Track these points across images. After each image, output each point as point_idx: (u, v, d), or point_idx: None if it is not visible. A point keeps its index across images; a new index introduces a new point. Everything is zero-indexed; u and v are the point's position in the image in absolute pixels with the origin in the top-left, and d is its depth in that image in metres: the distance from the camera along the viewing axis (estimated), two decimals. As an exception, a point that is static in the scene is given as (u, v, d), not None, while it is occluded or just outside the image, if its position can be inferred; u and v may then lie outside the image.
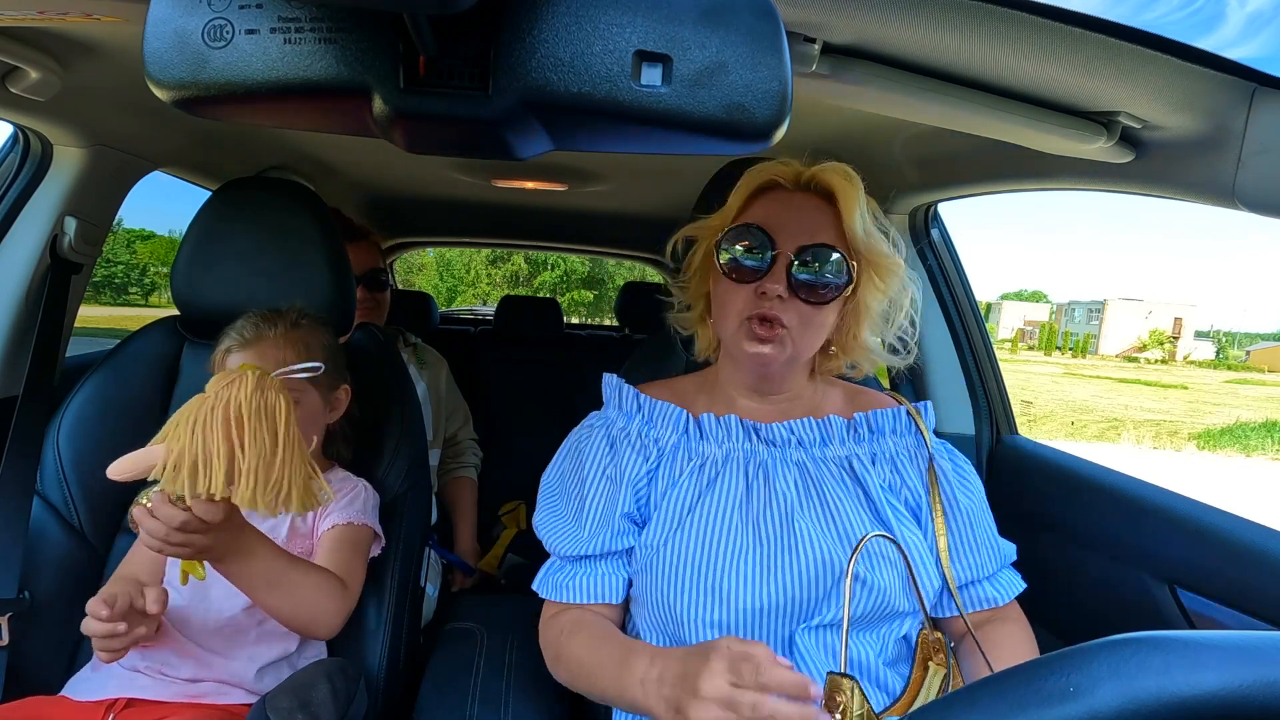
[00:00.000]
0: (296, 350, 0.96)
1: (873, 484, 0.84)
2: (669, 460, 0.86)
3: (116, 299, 12.33)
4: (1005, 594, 0.88)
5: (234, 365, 0.93)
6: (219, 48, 0.35)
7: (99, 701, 0.88)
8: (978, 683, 0.34)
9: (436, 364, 1.86)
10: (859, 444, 0.87)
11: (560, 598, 0.87)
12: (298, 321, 1.00)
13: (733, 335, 0.83)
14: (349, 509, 0.97)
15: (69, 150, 1.21)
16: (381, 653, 1.00)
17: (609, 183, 1.95)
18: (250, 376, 0.79)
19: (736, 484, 0.84)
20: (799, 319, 0.80)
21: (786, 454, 0.86)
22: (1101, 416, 14.98)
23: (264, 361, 0.93)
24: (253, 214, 1.12)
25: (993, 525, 0.90)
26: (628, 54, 0.35)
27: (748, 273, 0.81)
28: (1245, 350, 44.56)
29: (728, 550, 0.80)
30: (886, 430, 0.89)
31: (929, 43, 0.67)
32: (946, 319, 1.47)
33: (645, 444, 0.87)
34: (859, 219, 0.80)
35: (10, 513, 1.00)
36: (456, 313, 4.21)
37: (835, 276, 0.80)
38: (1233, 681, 0.30)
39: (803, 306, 0.80)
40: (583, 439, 0.92)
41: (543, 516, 0.91)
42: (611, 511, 0.85)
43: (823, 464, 0.86)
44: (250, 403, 0.77)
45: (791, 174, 0.85)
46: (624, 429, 0.89)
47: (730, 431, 0.86)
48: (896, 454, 0.88)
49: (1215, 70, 0.65)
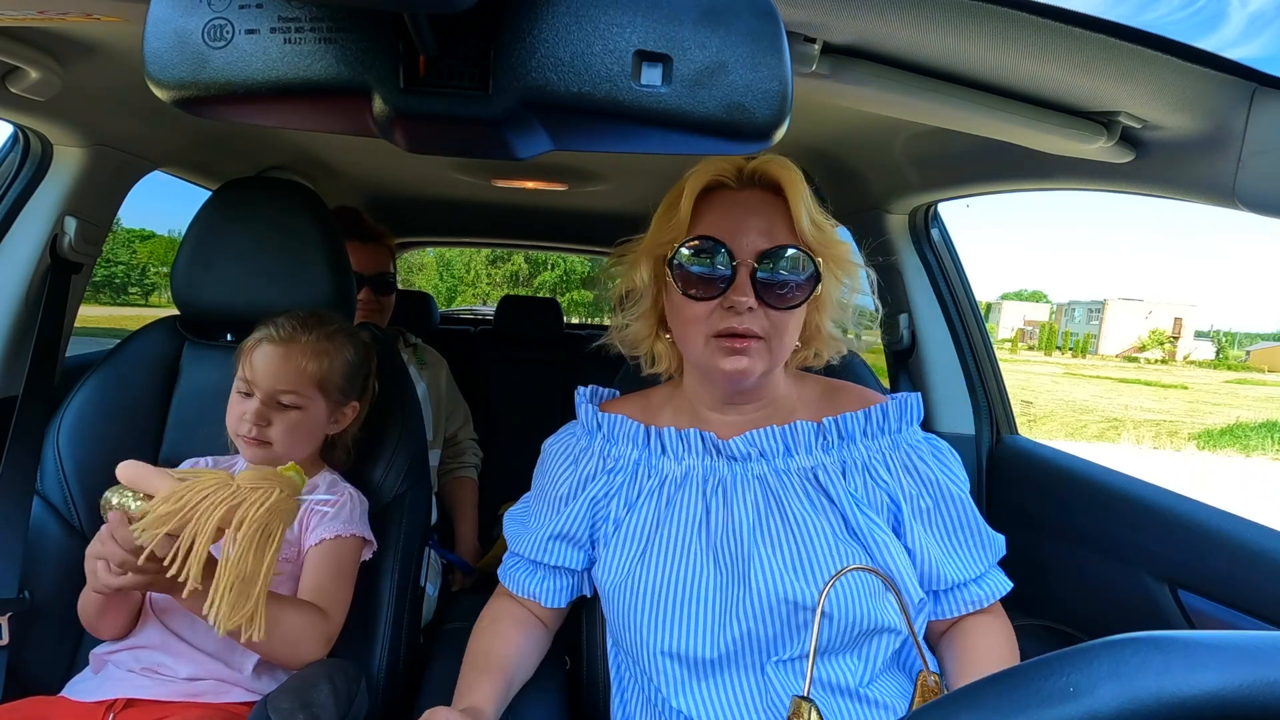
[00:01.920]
0: (318, 361, 0.98)
1: (840, 495, 0.80)
2: (629, 479, 0.86)
3: (116, 299, 12.34)
4: (990, 595, 0.85)
5: (260, 359, 0.96)
6: (219, 48, 0.35)
7: (99, 702, 0.88)
8: (978, 682, 0.34)
9: (436, 364, 1.86)
10: (827, 453, 0.83)
11: (506, 584, 0.94)
12: (333, 334, 1.02)
13: (702, 353, 0.79)
14: (335, 521, 0.96)
15: (69, 150, 1.21)
16: (382, 653, 1.00)
17: (609, 183, 1.95)
18: (276, 492, 0.77)
19: (695, 505, 0.82)
20: (772, 326, 0.77)
21: (748, 468, 0.83)
22: (1101, 416, 14.98)
23: (288, 363, 0.96)
24: (253, 214, 1.12)
25: (980, 521, 0.85)
26: (628, 54, 0.35)
27: (708, 286, 0.76)
28: (1245, 350, 44.56)
29: (688, 581, 0.79)
30: (857, 435, 0.84)
31: (929, 43, 0.67)
32: (946, 319, 1.47)
33: (605, 461, 0.88)
34: (804, 211, 0.76)
35: (10, 513, 1.00)
36: (456, 313, 4.21)
37: (799, 275, 0.76)
38: (1233, 681, 0.30)
39: (773, 313, 0.76)
40: (550, 449, 0.94)
41: (513, 511, 0.96)
42: (553, 529, 0.87)
43: (785, 476, 0.82)
44: (256, 522, 0.75)
45: (734, 170, 0.79)
46: (586, 447, 0.90)
47: (690, 447, 0.84)
48: (870, 461, 0.83)
49: (1215, 70, 0.65)
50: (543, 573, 0.91)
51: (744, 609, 0.76)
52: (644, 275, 0.84)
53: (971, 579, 0.84)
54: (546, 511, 0.89)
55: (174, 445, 1.11)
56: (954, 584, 0.83)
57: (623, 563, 0.82)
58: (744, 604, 0.76)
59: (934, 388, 1.47)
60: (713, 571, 0.79)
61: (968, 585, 0.84)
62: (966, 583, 0.84)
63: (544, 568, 0.90)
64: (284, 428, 0.96)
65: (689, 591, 0.78)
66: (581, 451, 0.90)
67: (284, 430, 0.96)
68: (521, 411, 2.49)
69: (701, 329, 0.78)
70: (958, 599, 0.84)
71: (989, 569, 0.86)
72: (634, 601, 0.80)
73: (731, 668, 0.78)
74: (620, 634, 0.83)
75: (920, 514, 0.83)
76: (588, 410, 0.92)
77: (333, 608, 0.92)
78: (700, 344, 0.78)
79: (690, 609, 0.78)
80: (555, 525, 0.87)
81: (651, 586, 0.79)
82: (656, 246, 0.82)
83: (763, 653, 0.77)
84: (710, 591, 0.78)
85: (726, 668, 0.78)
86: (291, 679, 0.85)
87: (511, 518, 0.95)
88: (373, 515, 1.03)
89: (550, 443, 0.95)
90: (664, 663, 0.78)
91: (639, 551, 0.82)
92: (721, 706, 0.77)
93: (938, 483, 0.84)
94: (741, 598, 0.77)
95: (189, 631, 0.93)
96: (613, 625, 0.85)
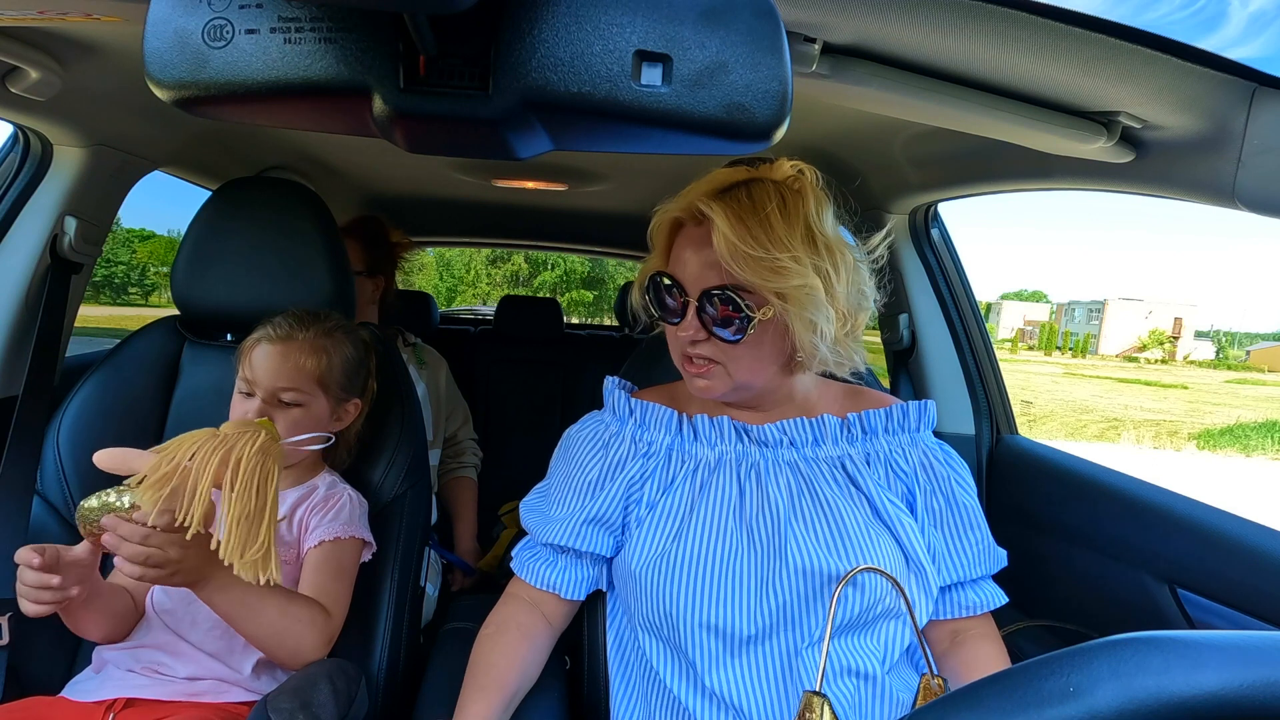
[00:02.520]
0: (317, 357, 0.99)
1: (867, 483, 0.84)
2: (663, 463, 0.87)
3: (116, 299, 12.34)
4: (987, 603, 0.88)
5: (259, 358, 0.97)
6: (219, 47, 0.35)
7: (99, 702, 0.88)
8: (978, 682, 0.34)
9: (436, 364, 1.85)
10: (852, 444, 0.87)
11: (524, 576, 0.92)
12: (331, 330, 1.02)
13: (681, 368, 0.85)
14: (334, 523, 0.96)
15: (69, 150, 1.21)
16: (382, 653, 1.00)
17: (609, 183, 1.95)
18: (263, 435, 0.81)
19: (730, 488, 0.85)
20: (723, 354, 0.80)
21: (779, 455, 0.86)
22: (1101, 416, 14.99)
23: (287, 361, 0.96)
24: (253, 214, 1.12)
25: (986, 528, 0.89)
26: (628, 54, 0.35)
27: (670, 315, 0.83)
28: (1245, 350, 44.57)
29: (723, 557, 0.81)
30: (880, 430, 0.88)
31: (929, 43, 0.67)
32: (946, 319, 1.47)
33: (639, 446, 0.89)
34: (727, 249, 0.75)
35: (10, 512, 1.00)
36: (456, 313, 4.21)
37: (738, 310, 0.78)
38: (1233, 681, 0.30)
39: (722, 344, 0.80)
40: (576, 436, 0.93)
41: (528, 501, 0.95)
42: (585, 514, 0.87)
43: (815, 464, 0.86)
44: (251, 459, 0.78)
45: (687, 209, 0.81)
46: (618, 433, 0.90)
47: (723, 433, 0.87)
48: (891, 454, 0.88)
49: (1215, 70, 0.65)
50: (565, 562, 0.90)
51: (780, 583, 0.79)
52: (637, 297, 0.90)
53: (970, 581, 0.87)
54: (573, 498, 0.89)
55: (174, 445, 1.11)
56: (954, 582, 0.86)
57: (658, 540, 0.83)
58: (780, 578, 0.79)
59: (934, 387, 1.47)
60: (748, 548, 0.81)
61: (965, 588, 0.87)
62: (965, 584, 0.87)
63: (568, 556, 0.90)
64: (287, 425, 0.96)
65: (725, 566, 0.80)
66: (612, 437, 0.90)
67: (287, 428, 0.96)
68: (522, 411, 2.49)
69: (676, 348, 0.85)
70: (954, 601, 0.87)
71: (986, 578, 0.89)
72: (669, 577, 0.81)
73: (766, 645, 0.79)
74: (652, 614, 0.83)
75: (932, 512, 0.86)
76: (619, 397, 0.93)
77: (333, 607, 0.92)
78: (678, 360, 0.85)
79: (726, 583, 0.80)
80: (588, 509, 0.87)
81: (687, 563, 0.81)
82: (644, 275, 0.88)
83: (797, 629, 0.79)
84: (746, 566, 0.80)
85: (761, 644, 0.79)
86: (291, 679, 0.85)
87: (529, 508, 0.94)
88: (373, 515, 1.03)
89: (574, 430, 0.95)
90: (702, 636, 0.79)
91: (674, 531, 0.83)
92: (753, 685, 0.79)
93: (950, 486, 0.87)
94: (778, 571, 0.79)
95: (189, 631, 0.93)
96: (643, 607, 0.85)
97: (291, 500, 0.99)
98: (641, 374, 1.03)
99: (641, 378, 1.01)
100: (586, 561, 0.90)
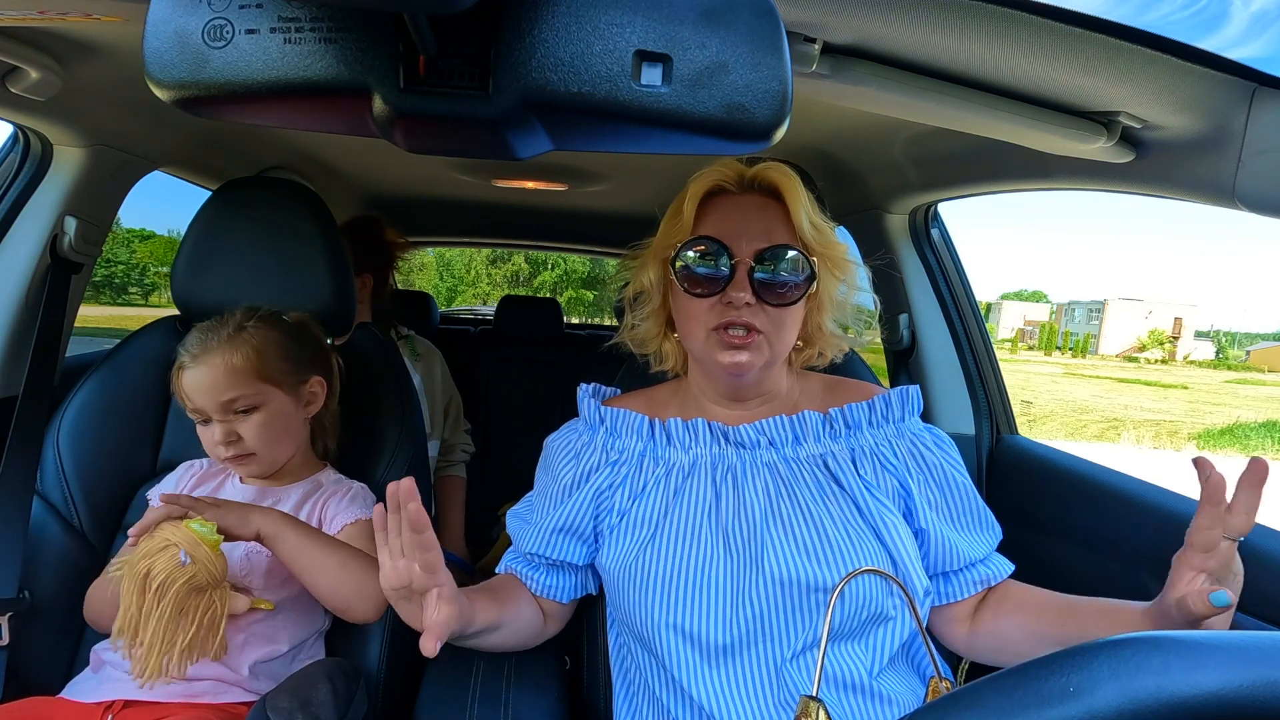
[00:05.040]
0: (245, 355, 0.95)
1: (851, 482, 0.82)
2: (634, 470, 0.87)
3: (116, 299, 12.33)
4: (999, 573, 0.87)
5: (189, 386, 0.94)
6: (219, 47, 0.35)
7: (98, 703, 0.88)
8: (979, 682, 0.34)
9: (429, 355, 1.85)
10: (835, 441, 0.86)
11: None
12: (242, 325, 0.98)
13: (703, 348, 0.82)
14: (353, 507, 0.98)
15: (69, 150, 1.21)
16: (381, 653, 1.00)
17: (609, 183, 1.95)
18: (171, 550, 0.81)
19: (704, 492, 0.83)
20: (770, 322, 0.80)
21: (757, 456, 0.84)
22: (1101, 416, 14.99)
23: (214, 372, 0.93)
24: (253, 214, 1.12)
25: (982, 502, 0.88)
26: (628, 54, 0.35)
27: (709, 284, 0.80)
28: (1245, 350, 44.56)
29: (698, 564, 0.80)
30: (864, 424, 0.87)
31: (929, 43, 0.67)
32: (946, 319, 1.47)
33: (609, 454, 0.88)
34: (804, 214, 0.79)
35: (10, 512, 1.00)
36: (457, 313, 4.21)
37: (795, 274, 0.79)
38: (1233, 681, 0.30)
39: (771, 309, 0.79)
40: (553, 445, 0.94)
41: (516, 509, 0.96)
42: (556, 523, 0.88)
43: (795, 464, 0.84)
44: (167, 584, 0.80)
45: (735, 176, 0.83)
46: (589, 442, 0.90)
47: (697, 436, 0.86)
48: (878, 447, 0.86)
49: (1215, 70, 0.65)
50: (544, 570, 0.91)
51: (756, 592, 0.77)
52: (651, 277, 0.88)
53: (980, 559, 0.86)
54: (549, 506, 0.89)
55: (174, 446, 1.11)
56: (967, 563, 0.85)
57: (630, 547, 0.83)
58: (756, 587, 0.77)
59: (934, 387, 1.47)
60: (723, 555, 0.80)
61: (977, 565, 0.86)
62: (976, 562, 0.86)
63: (546, 564, 0.91)
64: (254, 432, 0.95)
65: (699, 574, 0.79)
66: (584, 445, 0.90)
67: (255, 434, 0.95)
68: (522, 411, 2.49)
69: (702, 324, 0.81)
70: (969, 578, 0.86)
71: (992, 551, 0.88)
72: (642, 585, 0.80)
73: (745, 656, 0.78)
74: (630, 618, 0.83)
75: (930, 501, 0.85)
76: (590, 405, 0.92)
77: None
78: (701, 338, 0.81)
79: (701, 591, 0.78)
80: (558, 518, 0.87)
81: (660, 569, 0.80)
82: (662, 249, 0.85)
83: (774, 639, 0.77)
84: (721, 574, 0.79)
85: (740, 655, 0.78)
86: (290, 679, 0.85)
87: (514, 516, 0.95)
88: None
89: (552, 439, 0.95)
90: (676, 643, 0.79)
91: (648, 536, 0.82)
92: (735, 696, 0.77)
93: (943, 470, 0.86)
94: (754, 580, 0.78)
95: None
96: (621, 612, 0.85)
97: (296, 497, 0.99)
98: (642, 375, 1.03)
99: (639, 379, 1.01)
100: (565, 569, 0.91)
